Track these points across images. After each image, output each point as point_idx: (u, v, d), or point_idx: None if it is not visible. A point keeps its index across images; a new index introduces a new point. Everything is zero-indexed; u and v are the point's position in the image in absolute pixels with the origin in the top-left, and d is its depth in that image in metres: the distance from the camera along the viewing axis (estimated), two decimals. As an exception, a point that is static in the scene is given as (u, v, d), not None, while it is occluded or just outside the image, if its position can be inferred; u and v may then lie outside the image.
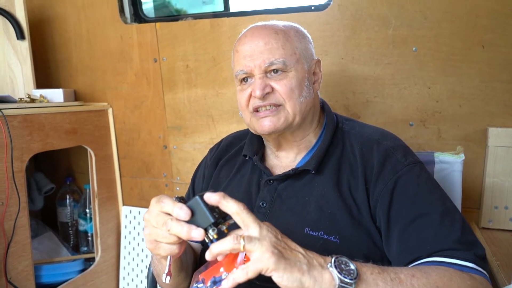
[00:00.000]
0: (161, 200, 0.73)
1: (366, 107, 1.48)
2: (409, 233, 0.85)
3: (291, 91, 0.95)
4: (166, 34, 1.71)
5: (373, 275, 0.70)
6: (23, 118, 1.50)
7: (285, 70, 0.96)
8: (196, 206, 0.70)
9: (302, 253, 0.68)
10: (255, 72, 0.96)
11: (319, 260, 0.69)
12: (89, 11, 1.85)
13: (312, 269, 0.67)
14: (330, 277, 0.67)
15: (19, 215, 1.46)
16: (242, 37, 1.01)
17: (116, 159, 1.93)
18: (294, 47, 0.98)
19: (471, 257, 0.79)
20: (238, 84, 1.02)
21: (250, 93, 0.97)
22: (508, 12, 1.28)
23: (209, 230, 0.69)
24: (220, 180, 1.11)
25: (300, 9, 1.55)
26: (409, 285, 0.71)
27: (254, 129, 1.00)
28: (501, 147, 1.32)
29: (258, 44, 0.96)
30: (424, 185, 0.90)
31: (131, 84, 1.84)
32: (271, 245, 0.65)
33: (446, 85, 1.38)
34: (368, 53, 1.44)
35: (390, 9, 1.39)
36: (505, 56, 1.31)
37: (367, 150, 0.95)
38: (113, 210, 1.94)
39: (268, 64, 0.95)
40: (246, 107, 1.00)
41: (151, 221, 0.74)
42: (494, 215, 1.35)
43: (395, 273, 0.72)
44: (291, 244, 0.70)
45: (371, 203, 0.90)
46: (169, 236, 0.72)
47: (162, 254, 0.76)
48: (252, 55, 0.96)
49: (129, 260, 1.93)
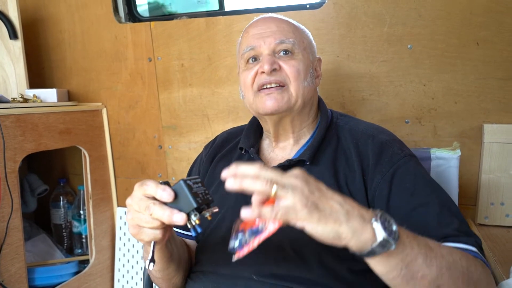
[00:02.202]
0: (144, 183, 0.72)
1: (362, 104, 1.48)
2: (410, 222, 0.84)
3: (297, 73, 0.97)
4: (161, 33, 1.70)
5: (409, 238, 0.67)
6: (16, 118, 1.48)
7: (293, 52, 0.99)
8: (179, 190, 0.69)
9: (340, 202, 0.63)
10: (263, 49, 0.98)
11: (361, 211, 0.64)
12: (83, 11, 1.84)
13: (351, 220, 0.62)
14: (372, 232, 0.62)
15: (12, 216, 1.44)
16: (252, 25, 1.05)
17: (111, 159, 1.92)
18: (302, 36, 1.03)
19: (474, 243, 0.80)
20: (244, 64, 1.03)
21: (257, 71, 0.98)
22: (502, 9, 1.29)
23: (191, 215, 0.68)
24: (216, 176, 1.10)
25: (295, 7, 1.55)
26: (438, 252, 0.69)
27: (257, 108, 1.00)
28: (497, 143, 1.33)
29: (270, 26, 1.00)
30: (421, 177, 0.91)
31: (125, 84, 1.83)
32: (304, 196, 0.61)
33: (442, 82, 1.38)
34: (363, 51, 1.44)
35: (385, 7, 1.39)
36: (500, 53, 1.31)
37: (363, 144, 0.96)
38: (107, 211, 1.92)
39: (278, 41, 0.98)
40: (251, 86, 1.00)
41: (133, 205, 0.73)
42: (490, 211, 1.35)
43: (424, 240, 0.70)
44: (327, 193, 0.64)
45: (369, 195, 0.90)
46: (151, 221, 0.71)
47: (146, 240, 0.74)
48: (262, 34, 0.99)
49: (124, 262, 1.91)
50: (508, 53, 1.31)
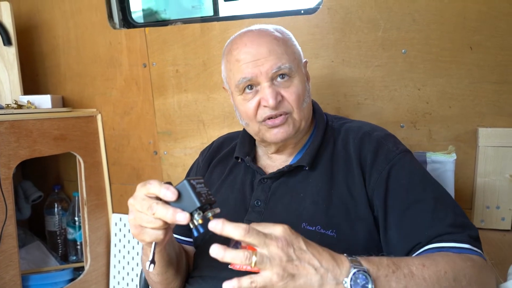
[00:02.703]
0: (147, 182, 0.72)
1: (357, 109, 1.48)
2: (406, 220, 0.86)
3: (298, 99, 0.96)
4: (156, 39, 1.70)
5: (387, 277, 0.68)
6: (10, 124, 1.47)
7: (291, 75, 0.95)
8: (183, 189, 0.69)
9: (316, 266, 0.65)
10: (261, 79, 0.94)
11: (335, 272, 0.66)
12: (77, 17, 1.84)
13: (324, 285, 0.65)
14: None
15: (6, 223, 1.43)
16: (239, 45, 0.97)
17: (106, 165, 1.91)
18: (293, 51, 0.98)
19: (466, 238, 0.81)
20: (240, 94, 0.98)
21: (258, 102, 0.95)
22: (495, 14, 1.30)
23: (194, 214, 0.68)
24: (213, 181, 1.10)
25: (289, 13, 1.55)
26: (420, 278, 0.70)
27: (265, 138, 0.99)
28: (491, 147, 1.34)
29: (261, 51, 0.94)
30: (416, 172, 0.92)
31: (120, 90, 1.82)
32: (281, 266, 0.63)
33: (436, 87, 1.39)
34: (358, 55, 1.45)
35: (379, 12, 1.40)
36: (494, 57, 1.32)
37: (359, 142, 0.97)
38: (102, 217, 1.90)
39: (276, 70, 0.93)
40: (254, 117, 0.97)
41: (135, 205, 0.72)
42: (486, 215, 1.35)
43: (408, 266, 0.71)
44: (304, 255, 0.66)
45: (368, 193, 0.91)
46: (154, 221, 0.70)
47: (147, 240, 0.74)
48: (256, 62, 0.94)
49: (119, 269, 1.90)
50: (501, 57, 1.32)
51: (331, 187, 0.94)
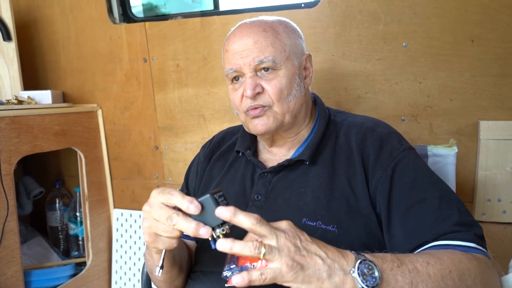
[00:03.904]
0: (167, 191, 0.71)
1: (358, 103, 1.48)
2: (411, 219, 0.85)
3: (280, 92, 0.95)
4: (156, 34, 1.70)
5: (393, 270, 0.69)
6: (11, 120, 1.47)
7: (275, 68, 0.95)
8: (206, 203, 0.69)
9: (323, 257, 0.66)
10: (245, 70, 0.96)
11: (342, 262, 0.67)
12: (77, 12, 1.83)
13: (332, 276, 0.65)
14: (352, 284, 0.65)
15: (8, 219, 1.43)
16: (231, 36, 1.00)
17: (107, 161, 1.91)
18: (284, 44, 0.97)
19: (472, 237, 0.81)
20: (230, 83, 1.02)
21: (243, 92, 0.97)
22: (496, 6, 1.29)
23: (216, 229, 0.68)
24: (213, 176, 1.10)
25: (290, 6, 1.55)
26: (425, 274, 0.71)
27: (248, 128, 1.01)
28: (493, 140, 1.33)
29: (247, 43, 0.95)
30: (420, 170, 0.91)
31: (120, 85, 1.82)
32: (290, 257, 0.64)
33: (437, 80, 1.39)
34: (358, 49, 1.44)
35: (379, 5, 1.39)
36: (495, 50, 1.32)
37: (362, 138, 0.96)
38: (104, 213, 1.91)
39: (257, 63, 0.94)
40: (240, 106, 0.99)
41: (152, 213, 0.71)
42: (487, 208, 1.35)
43: (412, 263, 0.72)
44: (311, 247, 0.67)
45: (371, 190, 0.91)
46: (172, 230, 0.70)
47: (160, 248, 0.74)
48: (241, 53, 0.96)
49: (121, 264, 1.91)
50: (503, 50, 1.31)
51: (332, 182, 0.93)
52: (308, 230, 0.71)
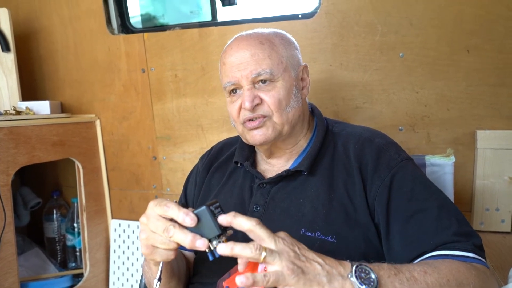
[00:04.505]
0: (163, 203, 0.71)
1: (356, 113, 1.49)
2: (410, 229, 0.85)
3: (279, 103, 0.96)
4: (154, 44, 1.71)
5: (390, 278, 0.69)
6: (9, 130, 1.47)
7: (272, 80, 0.96)
8: (202, 215, 0.69)
9: (321, 263, 0.67)
10: (243, 83, 0.96)
11: (339, 269, 0.68)
12: (76, 23, 1.84)
13: (332, 280, 0.66)
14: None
15: (5, 230, 1.42)
16: (227, 49, 1.01)
17: (105, 171, 1.90)
18: (280, 55, 0.98)
19: (471, 247, 0.81)
20: (228, 96, 1.02)
21: (240, 104, 0.97)
22: (492, 17, 1.31)
23: (213, 241, 0.68)
24: (212, 187, 1.10)
25: (287, 17, 1.56)
26: (423, 283, 0.71)
27: (246, 140, 1.01)
28: (490, 149, 1.34)
29: (244, 55, 0.96)
30: (418, 180, 0.91)
31: (119, 95, 1.83)
32: (290, 260, 0.64)
33: (434, 90, 1.40)
34: (356, 59, 1.45)
35: (376, 16, 1.40)
36: (491, 60, 1.33)
37: (360, 148, 0.96)
38: (101, 223, 1.90)
39: (255, 75, 0.95)
40: (237, 118, 0.99)
41: (149, 225, 0.72)
42: (486, 217, 1.35)
43: (409, 271, 0.72)
44: (309, 254, 0.68)
45: (369, 200, 0.91)
46: (169, 242, 0.70)
47: (157, 260, 0.74)
48: (238, 66, 0.96)
49: (118, 275, 1.89)
50: (499, 60, 1.32)
51: (330, 192, 0.93)
52: (306, 241, 0.71)
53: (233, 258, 0.77)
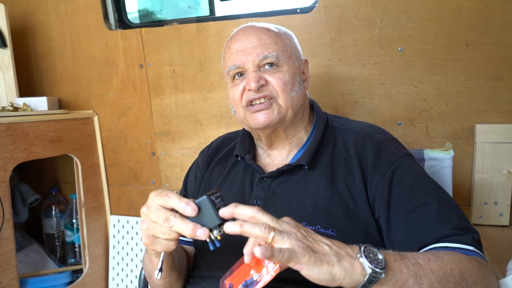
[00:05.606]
0: (164, 193, 0.71)
1: (355, 107, 1.49)
2: (411, 223, 0.86)
3: (284, 85, 0.97)
4: (152, 40, 1.70)
5: (397, 262, 0.69)
6: (6, 127, 1.46)
7: (278, 64, 0.98)
8: (203, 205, 0.69)
9: (329, 244, 0.67)
10: (248, 66, 0.97)
11: (347, 250, 0.67)
12: (73, 19, 1.83)
13: (341, 260, 0.65)
14: (361, 267, 0.65)
15: (3, 227, 1.42)
16: (234, 35, 1.03)
17: (103, 167, 1.90)
18: (285, 44, 1.01)
19: (471, 241, 0.82)
20: (230, 81, 1.02)
21: (244, 87, 0.98)
22: (490, 11, 1.30)
23: (213, 230, 0.68)
24: (212, 181, 1.10)
25: (286, 12, 1.55)
26: (427, 269, 0.71)
27: (248, 124, 1.00)
28: (488, 143, 1.34)
29: (250, 40, 0.98)
30: (418, 176, 0.92)
31: (117, 91, 1.82)
32: (299, 240, 0.64)
33: (433, 84, 1.40)
34: (354, 54, 1.45)
35: (375, 10, 1.40)
36: (489, 54, 1.33)
37: (360, 144, 0.97)
38: (100, 219, 1.90)
39: (262, 58, 0.96)
40: (240, 101, 1.00)
41: (150, 216, 0.72)
42: (484, 211, 1.36)
43: (414, 258, 0.72)
44: (315, 236, 0.68)
45: (369, 195, 0.91)
46: (169, 232, 0.70)
47: (158, 250, 0.74)
48: (245, 50, 0.98)
49: (118, 271, 1.89)
50: (496, 54, 1.32)
51: (331, 187, 0.93)
52: None
53: (233, 252, 0.77)
